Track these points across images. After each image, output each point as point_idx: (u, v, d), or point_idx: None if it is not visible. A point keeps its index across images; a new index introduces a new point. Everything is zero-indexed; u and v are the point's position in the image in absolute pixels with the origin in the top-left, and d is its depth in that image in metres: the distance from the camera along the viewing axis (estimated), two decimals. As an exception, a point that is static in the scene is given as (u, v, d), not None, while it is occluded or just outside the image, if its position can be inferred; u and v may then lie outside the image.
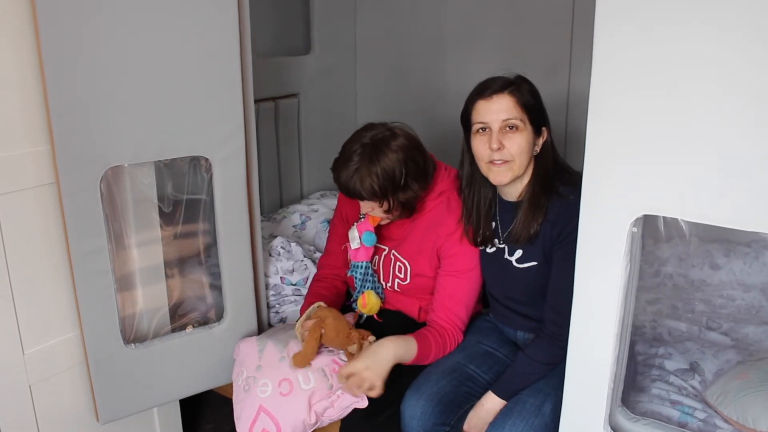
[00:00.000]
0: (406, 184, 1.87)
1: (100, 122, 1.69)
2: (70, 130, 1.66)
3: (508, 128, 1.69)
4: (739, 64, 1.10)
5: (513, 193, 1.81)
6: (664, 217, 1.33)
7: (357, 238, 1.99)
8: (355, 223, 2.01)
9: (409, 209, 1.94)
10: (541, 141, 1.75)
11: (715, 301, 2.14)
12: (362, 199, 1.88)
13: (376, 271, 2.09)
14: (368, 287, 2.05)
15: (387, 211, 1.91)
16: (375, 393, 1.77)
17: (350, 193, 1.88)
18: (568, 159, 1.89)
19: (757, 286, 2.14)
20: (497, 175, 1.73)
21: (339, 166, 1.88)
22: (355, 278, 2.06)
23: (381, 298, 2.07)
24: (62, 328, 1.85)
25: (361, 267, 2.04)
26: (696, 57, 1.14)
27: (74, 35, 1.61)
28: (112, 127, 1.71)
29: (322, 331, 1.87)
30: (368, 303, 2.03)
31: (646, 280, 2.13)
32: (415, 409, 1.76)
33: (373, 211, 1.93)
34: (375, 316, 2.06)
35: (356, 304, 2.06)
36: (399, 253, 2.03)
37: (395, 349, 1.81)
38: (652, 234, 1.39)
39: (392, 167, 1.84)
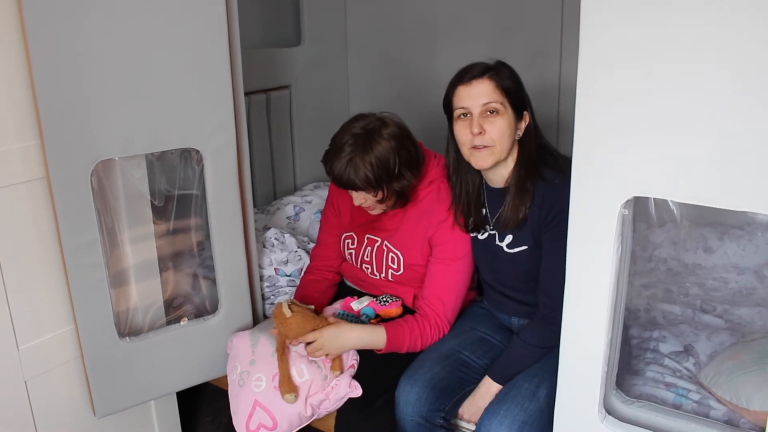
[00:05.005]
0: (400, 172, 1.87)
1: (89, 115, 1.69)
2: (59, 124, 1.65)
3: (488, 112, 1.69)
4: (725, 44, 1.10)
5: (498, 179, 1.82)
6: (654, 200, 1.33)
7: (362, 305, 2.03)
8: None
9: (403, 198, 1.94)
10: (523, 125, 1.75)
11: (708, 284, 2.14)
12: (356, 189, 1.88)
13: (369, 262, 2.09)
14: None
15: (380, 201, 1.90)
16: (330, 359, 1.89)
17: (344, 184, 1.87)
18: (560, 145, 1.90)
19: (750, 269, 2.14)
20: (479, 160, 1.73)
21: (331, 157, 1.87)
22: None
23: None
24: (56, 323, 1.85)
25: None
26: (683, 39, 1.14)
27: (61, 29, 1.60)
28: (101, 120, 1.71)
29: (287, 343, 1.91)
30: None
31: (639, 265, 2.13)
32: (410, 396, 1.77)
33: (365, 202, 1.92)
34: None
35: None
36: (391, 244, 2.03)
37: (358, 339, 1.88)
38: (645, 218, 1.40)
39: (386, 156, 1.84)
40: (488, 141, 1.69)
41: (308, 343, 1.89)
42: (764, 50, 1.07)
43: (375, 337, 1.88)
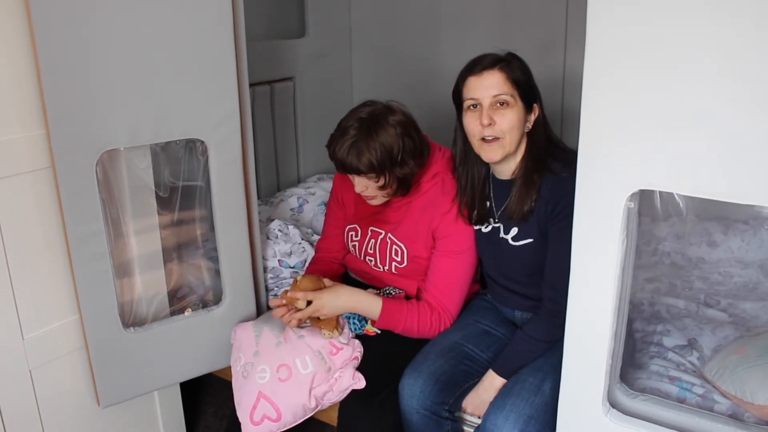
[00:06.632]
0: (403, 160, 1.87)
1: (95, 105, 1.69)
2: (64, 114, 1.65)
3: (498, 104, 1.69)
4: (731, 41, 1.10)
5: (506, 171, 1.81)
6: (660, 194, 1.33)
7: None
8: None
9: (405, 186, 1.94)
10: (532, 117, 1.75)
11: (713, 278, 2.14)
12: (359, 173, 1.87)
13: (372, 255, 2.09)
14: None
15: (382, 187, 1.90)
16: (325, 317, 1.91)
17: (346, 168, 1.87)
18: (565, 137, 1.90)
19: (755, 263, 2.14)
20: (489, 153, 1.73)
21: (335, 140, 1.88)
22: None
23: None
24: (61, 312, 1.85)
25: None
26: (689, 34, 1.14)
27: (67, 19, 1.60)
28: (107, 110, 1.71)
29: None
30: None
31: (644, 259, 2.12)
32: (413, 388, 1.77)
33: (366, 190, 1.92)
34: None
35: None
36: (395, 237, 2.03)
37: (355, 300, 1.91)
38: (650, 212, 1.40)
39: (390, 142, 1.84)
40: (498, 132, 1.69)
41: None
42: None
43: (371, 304, 1.90)
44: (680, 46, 1.15)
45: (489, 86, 1.69)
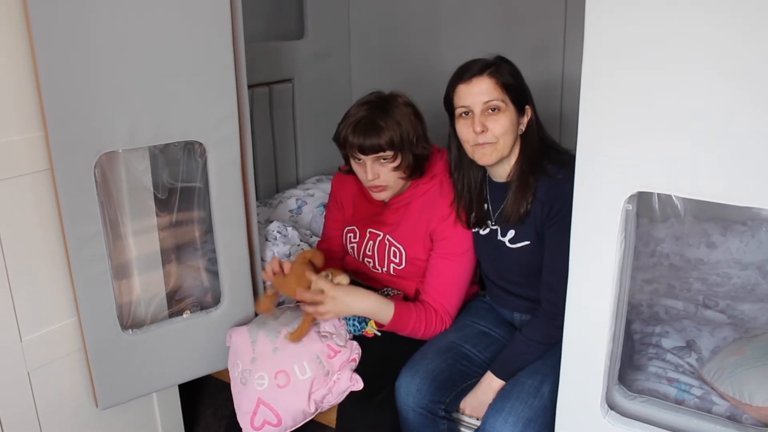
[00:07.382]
0: (417, 140, 1.88)
1: (94, 107, 1.68)
2: (63, 116, 1.65)
3: (490, 110, 1.69)
4: (729, 42, 1.10)
5: (502, 173, 1.81)
6: (658, 195, 1.33)
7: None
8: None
9: (419, 167, 1.94)
10: (525, 120, 1.75)
11: (711, 279, 2.14)
12: (377, 150, 1.86)
13: (371, 257, 2.09)
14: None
15: (397, 168, 1.90)
16: (319, 318, 1.87)
17: (365, 148, 1.86)
18: (563, 140, 1.89)
19: (753, 264, 2.13)
20: (482, 157, 1.73)
21: (348, 124, 1.88)
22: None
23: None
24: (60, 314, 1.85)
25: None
26: (688, 34, 1.13)
27: (65, 20, 1.60)
28: (106, 112, 1.70)
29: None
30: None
31: (642, 260, 2.12)
32: (410, 386, 1.77)
33: (377, 178, 1.91)
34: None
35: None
36: (393, 238, 2.03)
37: (368, 306, 1.86)
38: (648, 213, 1.40)
39: (405, 119, 1.87)
40: (491, 138, 1.69)
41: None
42: (770, 46, 1.07)
43: (383, 311, 1.87)
44: (679, 46, 1.15)
45: (479, 93, 1.69)
